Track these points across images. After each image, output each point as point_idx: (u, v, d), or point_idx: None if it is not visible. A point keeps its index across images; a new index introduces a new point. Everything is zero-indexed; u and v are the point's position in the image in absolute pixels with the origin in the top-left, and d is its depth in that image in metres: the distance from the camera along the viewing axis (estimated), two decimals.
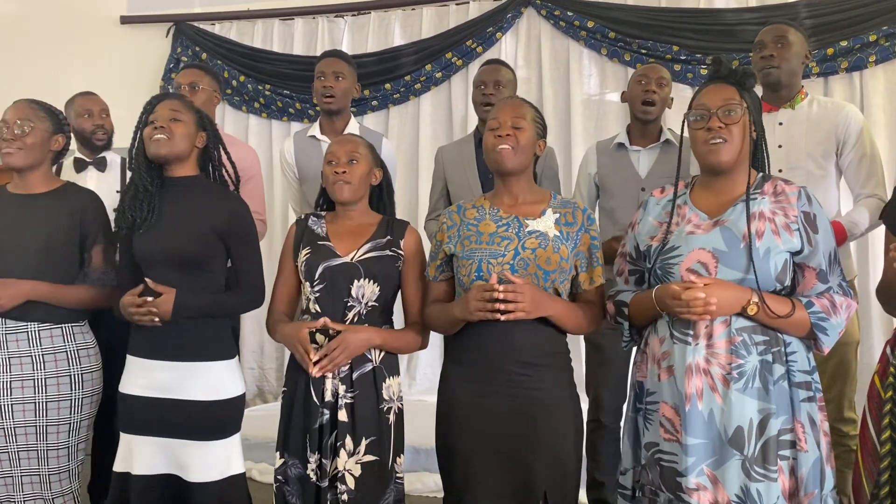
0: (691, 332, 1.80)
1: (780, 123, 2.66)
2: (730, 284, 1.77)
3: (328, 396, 2.06)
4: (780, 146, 2.62)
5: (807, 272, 1.83)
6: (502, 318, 1.85)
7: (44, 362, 2.22)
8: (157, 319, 2.08)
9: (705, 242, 1.82)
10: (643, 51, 4.45)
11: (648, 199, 2.03)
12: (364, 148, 2.21)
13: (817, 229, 1.83)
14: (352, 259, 2.11)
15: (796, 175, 2.52)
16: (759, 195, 1.86)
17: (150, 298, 2.08)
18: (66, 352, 2.25)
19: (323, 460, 2.06)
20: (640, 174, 2.81)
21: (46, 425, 2.21)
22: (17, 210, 2.27)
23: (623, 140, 2.87)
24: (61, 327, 2.26)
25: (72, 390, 2.24)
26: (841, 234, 2.53)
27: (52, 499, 2.23)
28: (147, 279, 2.11)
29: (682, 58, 4.38)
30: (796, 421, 1.78)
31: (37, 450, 2.21)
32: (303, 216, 2.26)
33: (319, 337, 2.07)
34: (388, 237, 2.16)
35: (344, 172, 2.13)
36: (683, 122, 1.92)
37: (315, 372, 2.03)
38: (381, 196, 2.28)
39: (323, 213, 2.25)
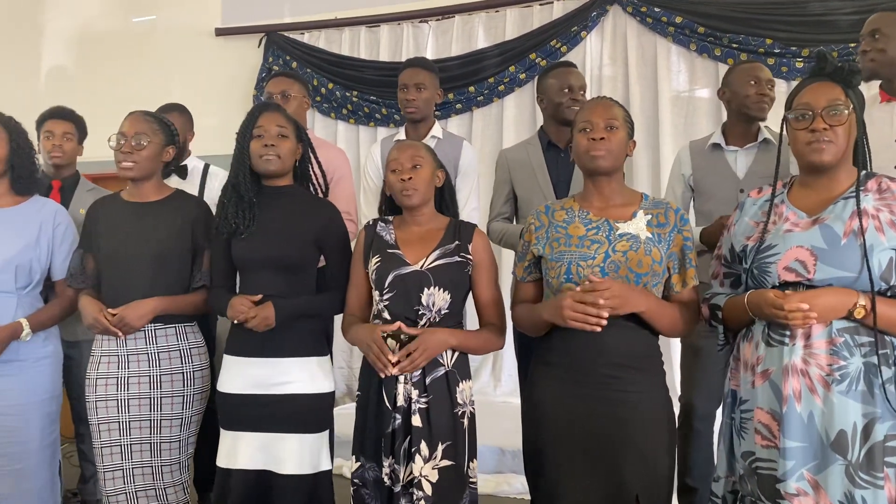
0: (788, 333, 1.74)
1: None
2: (831, 290, 1.71)
3: (400, 401, 2.05)
4: None
5: None
6: (598, 329, 1.81)
7: (159, 360, 2.34)
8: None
9: (803, 240, 1.76)
10: (734, 45, 4.33)
11: (745, 199, 1.98)
12: (425, 151, 2.20)
13: None
14: (421, 267, 2.10)
15: None
16: (863, 192, 1.78)
17: (254, 302, 2.17)
18: (179, 350, 2.37)
19: (396, 465, 2.05)
20: (737, 175, 2.71)
21: (161, 420, 2.33)
22: (132, 218, 2.40)
23: (718, 140, 2.78)
24: (175, 327, 2.37)
25: (184, 387, 2.35)
26: None
27: (165, 488, 2.34)
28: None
29: (776, 51, 4.23)
30: None
31: (150, 442, 2.32)
32: (370, 221, 2.26)
33: (391, 342, 2.05)
34: (457, 242, 2.14)
35: (410, 179, 2.12)
36: (783, 120, 1.87)
37: (394, 371, 2.02)
38: (444, 197, 2.26)
39: (390, 218, 2.24)
